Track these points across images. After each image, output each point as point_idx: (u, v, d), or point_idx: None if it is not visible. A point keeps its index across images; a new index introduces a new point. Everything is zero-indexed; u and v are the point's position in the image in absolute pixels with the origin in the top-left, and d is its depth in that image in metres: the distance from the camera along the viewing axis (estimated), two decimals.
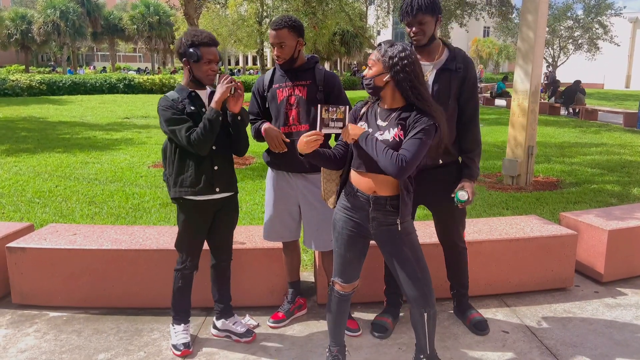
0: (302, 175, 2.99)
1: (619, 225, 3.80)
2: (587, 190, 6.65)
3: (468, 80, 2.83)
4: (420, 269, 2.42)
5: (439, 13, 2.77)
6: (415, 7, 2.71)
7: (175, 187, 2.73)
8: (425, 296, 2.41)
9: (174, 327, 2.92)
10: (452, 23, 16.84)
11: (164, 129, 2.66)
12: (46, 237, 3.43)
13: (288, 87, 2.92)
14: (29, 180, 6.96)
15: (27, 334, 3.03)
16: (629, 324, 3.22)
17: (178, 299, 2.90)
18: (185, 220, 2.78)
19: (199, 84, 2.74)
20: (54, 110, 16.70)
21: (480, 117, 3.01)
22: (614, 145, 10.67)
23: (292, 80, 2.93)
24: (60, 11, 41.26)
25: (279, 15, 3.05)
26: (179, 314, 2.91)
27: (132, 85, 25.63)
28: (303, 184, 3.00)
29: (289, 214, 3.07)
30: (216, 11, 21.24)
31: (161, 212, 5.51)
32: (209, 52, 2.65)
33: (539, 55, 6.59)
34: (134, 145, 9.93)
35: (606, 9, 27.32)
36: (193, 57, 2.63)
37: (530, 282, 3.63)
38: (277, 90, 2.93)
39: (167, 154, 2.79)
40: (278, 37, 2.84)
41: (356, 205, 2.44)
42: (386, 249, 2.46)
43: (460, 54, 2.85)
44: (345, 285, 2.55)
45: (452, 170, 2.96)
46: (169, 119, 2.62)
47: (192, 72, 2.69)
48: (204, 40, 2.65)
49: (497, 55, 46.21)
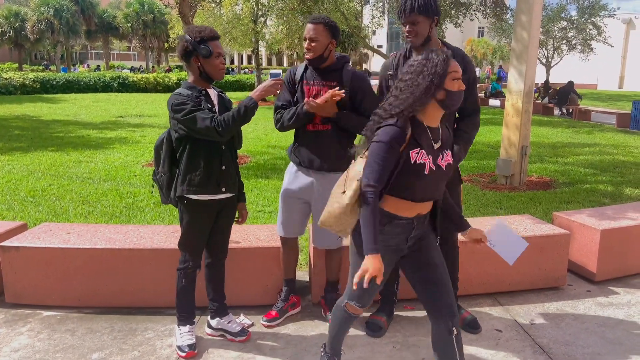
0: (321, 173, 3.00)
1: (611, 225, 3.83)
2: (580, 190, 6.69)
3: (466, 78, 2.82)
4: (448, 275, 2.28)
5: (435, 15, 2.77)
6: (409, 7, 2.74)
7: (182, 185, 2.70)
8: (452, 306, 2.21)
9: (179, 328, 2.89)
10: (447, 23, 16.88)
11: (178, 120, 2.59)
12: (40, 236, 3.41)
13: (316, 86, 2.93)
14: (22, 179, 6.93)
15: (20, 333, 3.02)
16: (621, 323, 3.25)
17: (182, 299, 2.87)
18: (190, 219, 2.77)
19: (208, 80, 2.72)
20: (47, 109, 16.61)
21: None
22: (607, 145, 10.74)
23: (320, 79, 2.93)
24: (54, 9, 41.10)
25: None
26: (183, 314, 2.89)
27: (126, 83, 25.53)
28: (321, 181, 3.00)
29: (296, 210, 3.09)
30: (211, 10, 21.17)
31: (155, 211, 5.50)
32: (217, 46, 2.66)
33: (532, 56, 6.63)
34: (128, 144, 9.90)
35: (600, 10, 27.46)
36: (205, 52, 2.62)
37: (524, 281, 3.65)
38: (305, 87, 2.93)
39: (164, 153, 2.76)
40: (314, 31, 2.83)
41: (395, 232, 2.22)
42: (422, 260, 2.30)
43: (459, 54, 2.87)
44: (361, 310, 2.40)
45: None
46: (189, 110, 2.57)
47: (203, 68, 2.66)
48: (211, 35, 2.64)
49: (491, 55, 46.37)
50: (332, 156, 2.96)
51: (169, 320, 3.19)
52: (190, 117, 2.56)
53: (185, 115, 2.57)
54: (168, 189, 2.78)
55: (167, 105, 2.67)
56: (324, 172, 2.98)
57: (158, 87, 26.01)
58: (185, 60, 2.68)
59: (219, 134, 2.56)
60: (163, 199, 2.85)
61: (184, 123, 2.59)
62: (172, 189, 2.75)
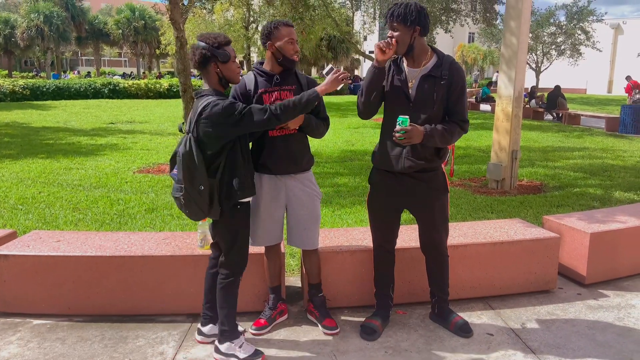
0: (290, 175, 3.02)
1: (600, 228, 3.87)
2: (570, 193, 6.75)
3: (454, 86, 2.83)
4: None
5: (417, 25, 2.76)
6: (389, 15, 2.80)
7: (242, 189, 2.67)
8: None
9: (232, 343, 2.80)
10: (438, 29, 17.01)
11: (231, 124, 2.54)
12: (29, 244, 3.39)
13: (275, 92, 2.94)
14: (11, 186, 6.87)
15: (10, 342, 2.99)
16: (611, 326, 3.27)
17: (234, 312, 2.83)
18: (244, 225, 2.78)
19: (225, 85, 2.74)
20: (37, 116, 16.51)
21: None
22: (596, 149, 10.85)
23: (279, 85, 2.95)
24: (44, 16, 40.81)
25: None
26: (233, 327, 2.84)
27: (117, 90, 25.41)
28: (293, 183, 3.02)
29: (275, 218, 3.07)
30: (202, 16, 21.19)
31: (146, 218, 5.48)
32: (232, 50, 2.69)
33: (522, 61, 6.69)
34: (119, 151, 9.86)
35: (588, 15, 27.76)
36: (224, 57, 2.64)
37: (514, 285, 3.67)
38: (265, 96, 2.93)
39: (198, 166, 2.57)
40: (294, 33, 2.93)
41: None
42: None
43: (447, 61, 2.86)
44: None
45: (434, 177, 2.97)
46: (242, 108, 2.56)
47: (222, 73, 2.67)
48: (226, 40, 2.67)
49: (482, 61, 46.72)
50: (304, 158, 3.04)
51: (160, 328, 3.17)
52: (246, 112, 2.56)
53: (240, 113, 2.55)
54: (210, 202, 2.62)
55: (203, 118, 2.55)
56: (293, 174, 3.03)
57: (149, 93, 25.90)
58: (203, 68, 2.67)
59: (278, 119, 2.60)
60: (198, 214, 2.68)
61: (240, 122, 2.55)
62: (217, 199, 2.62)
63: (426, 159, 2.89)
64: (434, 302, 3.25)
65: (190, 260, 3.27)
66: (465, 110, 2.89)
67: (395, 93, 2.90)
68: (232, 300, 2.81)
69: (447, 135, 2.81)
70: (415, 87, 2.85)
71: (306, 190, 3.05)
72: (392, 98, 2.91)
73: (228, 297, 2.80)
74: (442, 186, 3.00)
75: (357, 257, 3.41)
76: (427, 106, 2.83)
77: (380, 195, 3.05)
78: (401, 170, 2.91)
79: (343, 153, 9.68)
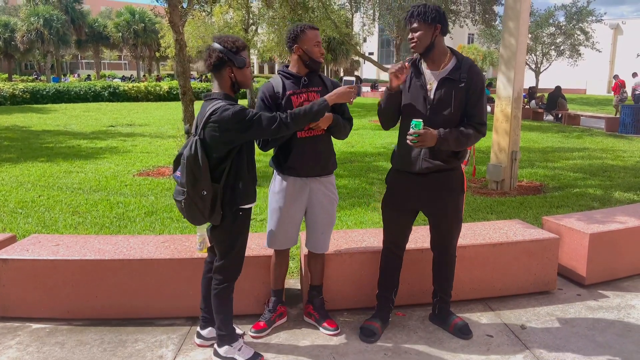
0: (315, 178, 3.03)
1: (600, 229, 3.86)
2: (569, 194, 6.74)
3: (473, 89, 2.82)
4: None
5: (438, 23, 2.78)
6: (409, 16, 2.80)
7: (246, 195, 2.65)
8: None
9: (231, 347, 2.80)
10: None
11: (241, 129, 2.52)
12: (28, 248, 3.39)
13: (304, 94, 2.96)
14: (11, 190, 6.87)
15: (9, 347, 2.99)
16: (611, 326, 3.27)
17: (230, 317, 2.82)
18: (244, 231, 2.76)
19: (237, 90, 2.71)
20: (37, 119, 16.52)
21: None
22: (596, 149, 10.85)
23: (306, 87, 2.98)
24: (44, 19, 40.84)
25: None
26: (231, 331, 2.83)
27: (117, 93, 25.43)
28: (317, 187, 3.04)
29: (295, 221, 3.09)
30: (202, 19, 21.21)
31: (146, 221, 5.48)
32: (247, 56, 2.68)
33: (521, 62, 6.69)
34: (119, 154, 9.86)
35: (587, 16, 27.75)
36: (242, 63, 2.61)
37: (514, 286, 3.67)
38: (293, 97, 2.94)
39: (202, 171, 2.53)
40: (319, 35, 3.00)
41: None
42: None
43: (467, 64, 2.85)
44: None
45: (452, 177, 2.96)
46: (252, 114, 2.54)
47: (236, 78, 2.64)
48: (244, 45, 2.65)
49: (481, 61, 46.74)
50: (330, 160, 3.06)
51: (159, 331, 3.17)
52: (255, 120, 2.54)
53: (250, 120, 2.52)
54: (212, 207, 2.60)
55: (211, 122, 2.52)
56: (318, 177, 3.03)
57: (149, 96, 25.94)
58: (217, 71, 2.62)
59: (288, 128, 2.59)
60: (199, 219, 2.66)
61: (249, 129, 2.53)
62: (219, 204, 2.60)
63: (443, 160, 2.89)
64: (435, 302, 3.25)
65: (189, 264, 3.27)
66: (483, 113, 2.88)
67: (414, 96, 2.90)
68: (227, 305, 2.80)
69: (462, 139, 2.80)
70: (434, 90, 2.85)
71: (328, 194, 3.08)
72: (411, 101, 2.91)
73: (223, 303, 2.79)
74: (459, 187, 2.99)
75: (357, 259, 3.40)
76: (445, 109, 2.82)
77: (396, 195, 3.06)
78: (419, 171, 2.92)
79: (342, 155, 9.68)
